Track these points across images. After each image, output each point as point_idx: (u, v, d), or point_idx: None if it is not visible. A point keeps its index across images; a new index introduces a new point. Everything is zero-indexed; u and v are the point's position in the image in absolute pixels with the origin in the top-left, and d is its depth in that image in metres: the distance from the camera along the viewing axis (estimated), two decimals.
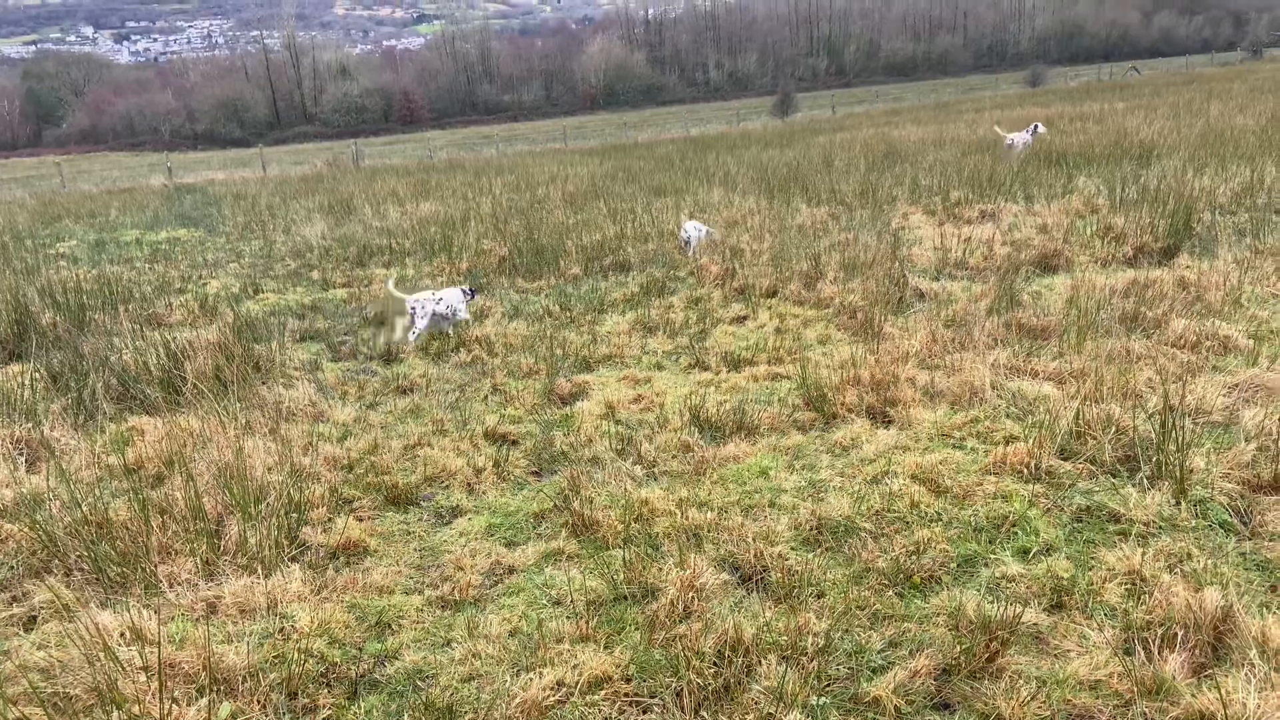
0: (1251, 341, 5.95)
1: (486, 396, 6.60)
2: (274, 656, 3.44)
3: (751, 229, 12.17)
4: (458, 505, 4.84)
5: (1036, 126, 17.79)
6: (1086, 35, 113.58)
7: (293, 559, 4.24)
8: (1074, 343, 6.20)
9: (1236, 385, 5.24)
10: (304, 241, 15.16)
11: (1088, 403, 4.92)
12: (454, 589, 3.90)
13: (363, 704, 3.23)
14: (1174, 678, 2.89)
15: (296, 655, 3.38)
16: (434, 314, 7.97)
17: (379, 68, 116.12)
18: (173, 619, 3.72)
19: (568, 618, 3.62)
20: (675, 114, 70.02)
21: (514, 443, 5.69)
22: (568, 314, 8.91)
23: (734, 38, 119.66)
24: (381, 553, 4.36)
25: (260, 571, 4.04)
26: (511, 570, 4.09)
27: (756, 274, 9.44)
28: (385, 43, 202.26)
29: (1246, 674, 2.82)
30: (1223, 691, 2.75)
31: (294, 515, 4.55)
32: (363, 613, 3.78)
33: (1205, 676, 2.91)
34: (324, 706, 3.22)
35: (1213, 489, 4.05)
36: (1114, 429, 4.68)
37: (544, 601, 3.80)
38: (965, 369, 5.84)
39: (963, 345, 6.43)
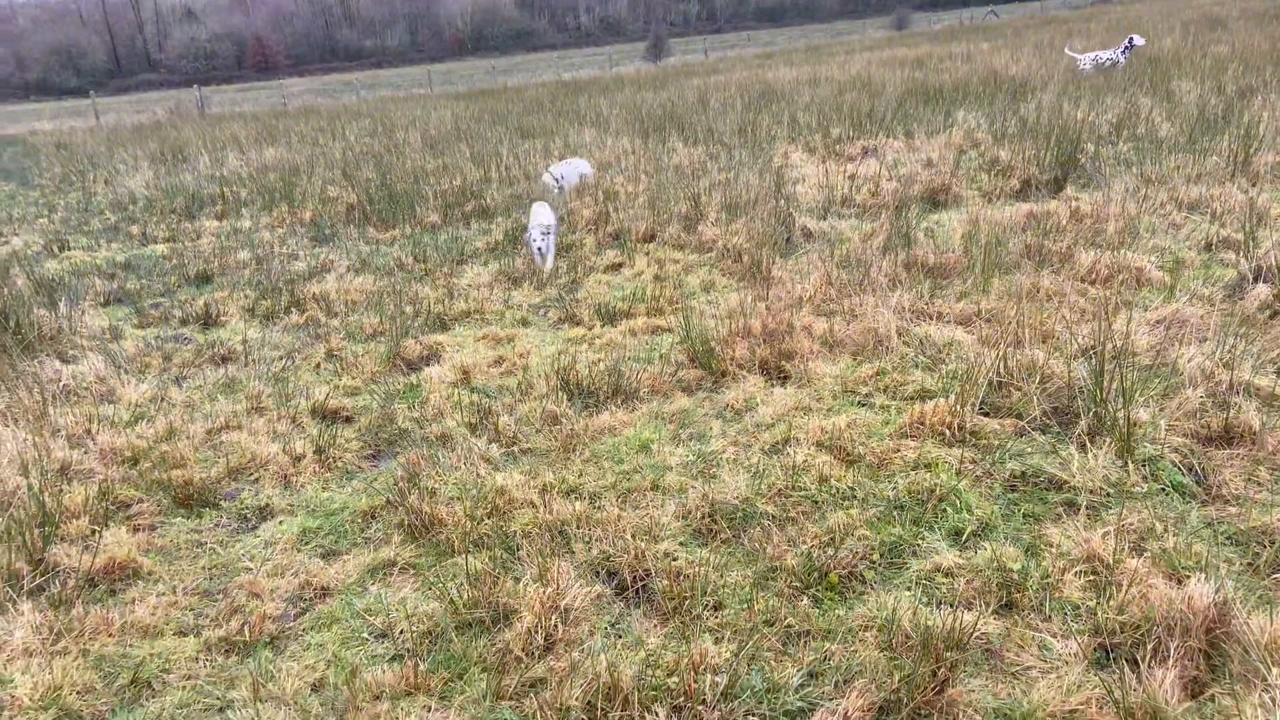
0: (1165, 274, 5.49)
1: (319, 364, 5.60)
2: None
3: (626, 170, 11.28)
4: (267, 504, 3.88)
5: (1133, 39, 14.93)
6: None
7: (34, 592, 3.22)
8: (981, 280, 5.63)
9: (1160, 322, 4.74)
10: (127, 193, 13.47)
11: (1008, 348, 4.31)
12: (243, 625, 2.98)
13: None
14: (1167, 701, 2.25)
15: None
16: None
17: (229, 10, 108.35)
18: None
19: (392, 659, 2.76)
20: (546, 59, 67.83)
21: (347, 419, 4.74)
22: (422, 266, 7.89)
23: None
24: (157, 575, 3.38)
25: None
26: (325, 592, 3.18)
27: (632, 217, 8.59)
28: None
29: (1261, 696, 2.20)
30: None
31: (45, 529, 3.52)
32: (115, 666, 2.83)
33: (1206, 699, 2.29)
34: None
35: (1162, 445, 3.48)
36: (1039, 377, 4.09)
37: (364, 635, 2.91)
38: (867, 314, 5.18)
39: (860, 287, 5.78)
